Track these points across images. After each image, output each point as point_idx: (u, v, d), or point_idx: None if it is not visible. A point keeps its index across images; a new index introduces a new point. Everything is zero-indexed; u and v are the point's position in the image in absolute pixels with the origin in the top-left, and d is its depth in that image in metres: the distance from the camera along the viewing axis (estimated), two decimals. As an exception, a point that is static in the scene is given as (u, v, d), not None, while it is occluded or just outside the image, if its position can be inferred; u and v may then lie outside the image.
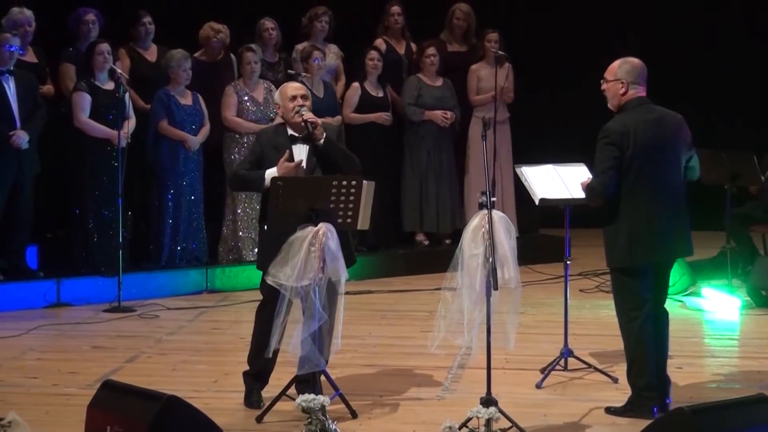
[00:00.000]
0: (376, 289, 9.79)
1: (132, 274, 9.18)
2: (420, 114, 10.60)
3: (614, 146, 5.89)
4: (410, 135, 10.71)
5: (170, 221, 9.53)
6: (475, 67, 10.86)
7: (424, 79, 10.67)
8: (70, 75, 9.53)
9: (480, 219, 5.74)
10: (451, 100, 10.72)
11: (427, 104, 10.60)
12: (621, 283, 6.08)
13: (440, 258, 7.16)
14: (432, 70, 10.65)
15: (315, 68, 10.10)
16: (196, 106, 9.63)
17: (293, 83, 6.43)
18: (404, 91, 10.71)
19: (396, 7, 10.85)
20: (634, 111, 6.00)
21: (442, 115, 10.59)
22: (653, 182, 5.94)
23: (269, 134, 6.35)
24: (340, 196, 5.93)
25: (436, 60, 10.61)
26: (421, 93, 10.62)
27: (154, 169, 9.55)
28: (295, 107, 6.18)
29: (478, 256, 5.68)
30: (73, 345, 7.77)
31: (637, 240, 5.94)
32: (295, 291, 5.78)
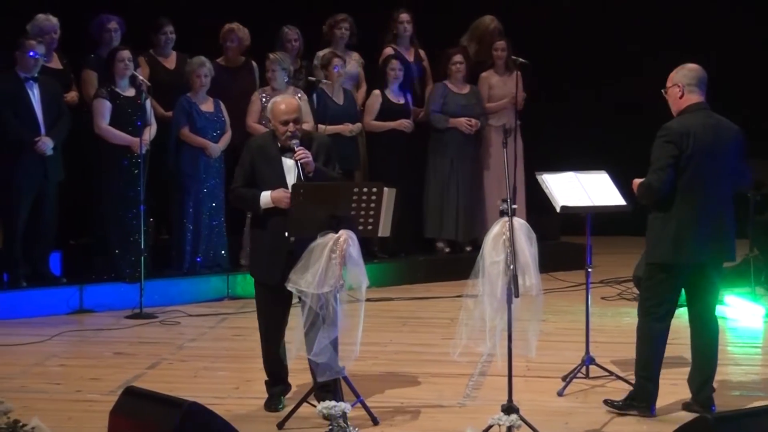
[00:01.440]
0: (396, 296, 9.78)
1: (154, 280, 9.20)
2: (444, 121, 10.59)
3: (673, 144, 5.95)
4: (434, 142, 10.70)
5: (191, 228, 9.55)
6: (486, 75, 10.85)
7: (450, 86, 10.66)
8: (92, 82, 9.56)
9: (501, 226, 5.75)
10: (477, 108, 10.70)
11: (453, 111, 10.59)
12: (653, 279, 6.11)
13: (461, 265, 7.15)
14: (458, 77, 10.64)
15: (335, 75, 10.10)
16: (218, 113, 9.65)
17: (288, 100, 6.27)
18: (429, 97, 10.71)
19: (404, 15, 10.83)
20: (694, 114, 6.06)
21: (466, 122, 10.57)
22: (705, 185, 5.99)
23: (259, 144, 6.27)
24: (361, 203, 5.93)
25: (463, 67, 10.60)
26: (446, 100, 10.61)
27: (176, 176, 9.58)
28: (287, 132, 6.11)
29: (499, 263, 5.69)
30: (95, 351, 7.80)
31: (683, 239, 5.98)
32: (316, 298, 5.78)
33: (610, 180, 6.86)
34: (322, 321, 5.82)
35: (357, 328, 5.88)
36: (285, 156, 6.14)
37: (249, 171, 6.18)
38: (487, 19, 11.00)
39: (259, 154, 6.18)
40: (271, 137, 6.23)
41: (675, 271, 6.06)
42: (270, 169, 6.12)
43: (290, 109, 6.17)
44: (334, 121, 10.01)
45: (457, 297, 7.71)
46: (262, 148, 6.19)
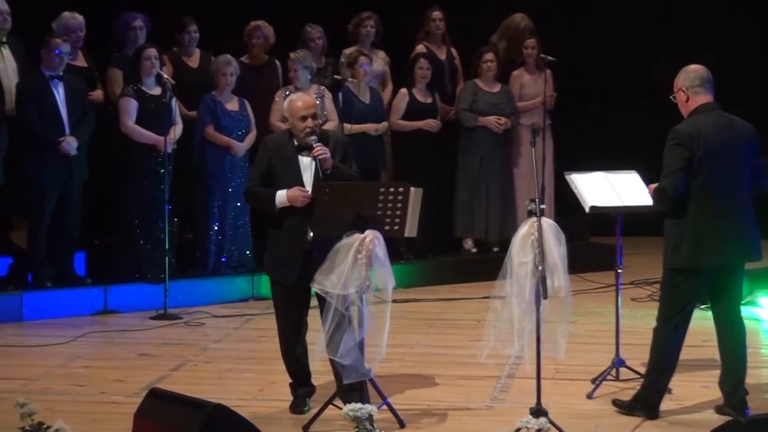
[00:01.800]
0: (423, 297, 9.76)
1: (178, 281, 9.22)
2: (474, 119, 10.57)
3: (684, 147, 5.92)
4: (464, 141, 10.69)
5: (216, 228, 9.57)
6: (517, 73, 10.83)
7: (480, 85, 10.63)
8: (118, 80, 9.59)
9: (529, 226, 5.74)
10: (507, 107, 10.67)
11: (482, 110, 10.57)
12: (673, 285, 6.08)
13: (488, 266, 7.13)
14: (489, 76, 10.61)
15: (361, 74, 10.10)
16: (243, 111, 9.66)
17: (304, 97, 6.29)
18: (460, 96, 10.70)
19: (437, 12, 10.81)
20: (704, 115, 6.03)
21: (495, 121, 10.55)
22: (721, 186, 5.96)
23: (276, 142, 6.26)
24: (388, 203, 5.92)
25: (494, 66, 10.58)
26: (476, 98, 10.59)
27: (200, 175, 9.59)
28: (305, 128, 6.10)
29: (527, 264, 5.68)
30: (120, 352, 7.82)
31: (701, 242, 5.95)
32: (342, 299, 5.77)
33: (640, 180, 6.81)
34: (348, 322, 5.81)
35: (383, 329, 5.87)
36: (301, 154, 6.13)
37: (265, 170, 6.17)
38: (518, 17, 10.97)
39: (276, 153, 6.17)
40: (287, 136, 6.23)
41: (694, 275, 6.02)
42: (286, 168, 6.12)
43: (307, 105, 6.17)
44: (360, 120, 10.00)
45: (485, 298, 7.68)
46: (279, 147, 6.19)
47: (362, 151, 9.89)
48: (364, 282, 5.75)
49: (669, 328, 6.08)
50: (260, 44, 10.12)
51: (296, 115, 6.12)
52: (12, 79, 9.01)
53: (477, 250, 10.79)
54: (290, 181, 6.10)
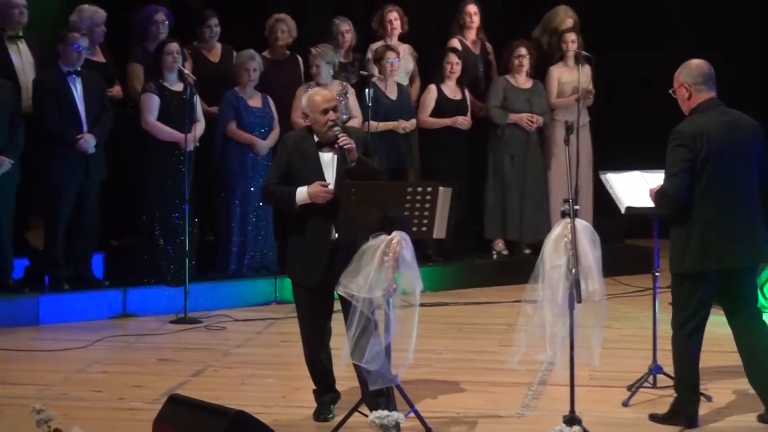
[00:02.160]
0: (452, 300, 9.75)
1: (199, 283, 9.25)
2: (504, 117, 10.55)
3: (686, 148, 5.90)
4: (494, 139, 10.67)
5: (238, 229, 9.58)
6: (555, 68, 10.80)
7: (511, 81, 10.61)
8: (138, 75, 9.60)
9: (562, 228, 5.75)
10: (540, 104, 10.64)
11: (514, 107, 10.55)
12: (682, 290, 6.07)
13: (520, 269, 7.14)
14: (521, 71, 10.59)
15: (389, 69, 10.10)
16: (266, 108, 9.66)
17: (322, 91, 6.32)
18: (490, 92, 10.68)
19: (472, 6, 10.79)
20: (707, 113, 6.01)
21: (527, 118, 10.53)
22: (726, 186, 5.94)
23: (295, 140, 6.27)
24: (415, 203, 5.91)
25: (526, 61, 10.55)
26: (507, 95, 10.57)
27: (222, 173, 9.61)
28: (328, 122, 6.11)
29: (560, 267, 5.69)
30: (138, 357, 7.84)
31: (708, 245, 5.93)
32: (368, 302, 5.77)
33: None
34: (374, 327, 5.81)
35: (411, 334, 5.86)
36: (322, 150, 6.13)
37: (284, 169, 6.17)
38: (561, 10, 10.95)
39: (296, 150, 6.17)
40: (306, 132, 6.23)
41: (704, 279, 6.00)
42: (307, 165, 6.12)
43: (327, 98, 6.20)
44: (387, 118, 10.01)
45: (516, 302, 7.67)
46: (298, 144, 6.19)
47: (389, 150, 9.92)
48: (391, 285, 5.75)
49: (684, 336, 6.07)
50: (282, 39, 10.13)
51: (317, 110, 6.13)
52: (29, 75, 9.05)
53: (508, 252, 10.77)
54: (311, 178, 6.10)
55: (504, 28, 11.07)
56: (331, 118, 6.10)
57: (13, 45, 9.12)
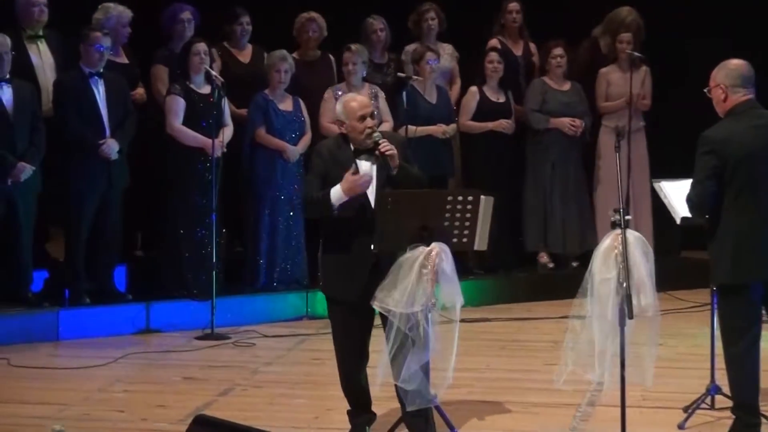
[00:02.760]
0: (494, 316, 9.74)
1: (226, 297, 9.27)
2: (545, 121, 10.54)
3: (713, 155, 5.91)
4: (533, 145, 10.67)
5: (267, 240, 9.61)
6: (605, 70, 10.78)
7: (549, 83, 10.62)
8: (162, 77, 9.66)
9: (612, 239, 5.73)
10: (580, 106, 10.64)
11: (553, 110, 10.55)
12: (725, 303, 6.05)
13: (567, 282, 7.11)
14: (558, 73, 10.60)
15: (427, 71, 10.11)
16: (297, 112, 9.69)
17: (357, 97, 6.30)
18: (527, 96, 10.67)
19: (514, 4, 10.80)
20: (740, 117, 6.01)
21: (569, 122, 10.52)
22: (760, 193, 5.92)
23: (330, 148, 6.23)
24: (455, 212, 5.90)
25: (563, 62, 10.56)
26: (545, 98, 10.58)
27: (250, 181, 9.64)
28: (366, 129, 6.08)
29: (610, 280, 5.67)
30: (163, 375, 7.87)
31: (742, 255, 5.91)
32: (405, 318, 5.77)
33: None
34: (412, 344, 5.80)
35: (450, 351, 5.86)
36: (360, 158, 6.10)
37: (321, 181, 6.11)
38: (624, 10, 10.91)
39: (332, 160, 6.14)
40: (341, 140, 6.20)
41: (746, 292, 5.97)
42: (344, 173, 6.07)
43: (364, 104, 6.18)
44: (425, 122, 10.02)
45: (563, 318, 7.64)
46: (334, 154, 6.16)
47: (428, 156, 9.89)
48: (430, 299, 5.74)
49: (737, 353, 6.02)
50: (313, 38, 10.16)
51: (354, 116, 6.10)
52: (49, 77, 9.11)
53: (554, 265, 10.76)
54: None
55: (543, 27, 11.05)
56: (369, 125, 6.07)
57: (33, 45, 9.19)
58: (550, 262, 10.77)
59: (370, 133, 6.06)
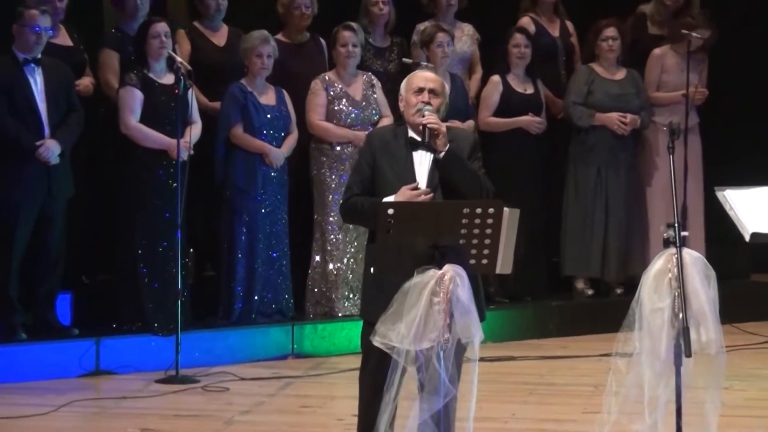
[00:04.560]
0: (521, 354, 9.76)
1: (195, 332, 9.28)
2: (590, 117, 10.54)
3: None
4: (576, 146, 10.70)
5: (244, 262, 9.61)
6: (659, 52, 10.81)
7: (598, 71, 10.64)
8: (113, 64, 9.64)
9: (666, 260, 5.72)
10: (635, 100, 10.66)
11: (602, 104, 10.58)
12: None
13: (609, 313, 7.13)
14: (610, 58, 10.61)
15: (439, 56, 10.12)
16: (281, 106, 9.70)
17: (426, 72, 6.43)
18: (570, 86, 10.70)
19: None
20: None
21: (619, 118, 10.52)
22: None
23: (384, 136, 6.32)
24: (473, 228, 5.86)
25: (616, 45, 10.58)
26: (592, 89, 10.61)
27: (224, 191, 9.64)
28: (419, 104, 6.17)
29: (663, 310, 5.67)
30: (116, 427, 7.83)
31: None
32: (412, 356, 5.75)
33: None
34: (421, 388, 5.79)
35: (468, 397, 5.84)
36: (417, 150, 6.17)
37: (368, 173, 6.20)
38: None
39: (384, 149, 6.22)
40: (396, 129, 6.32)
41: None
42: (397, 168, 6.16)
43: (429, 78, 6.30)
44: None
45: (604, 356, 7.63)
46: (387, 143, 6.24)
47: (439, 159, 9.89)
48: (443, 334, 5.72)
49: None
50: (304, 15, 10.17)
51: (411, 88, 6.25)
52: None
53: (594, 292, 10.78)
54: (400, 182, 6.13)
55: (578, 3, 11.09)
56: (424, 99, 6.17)
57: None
58: (589, 289, 10.78)
59: (421, 108, 6.14)
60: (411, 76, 6.36)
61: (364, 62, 10.07)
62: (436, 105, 6.21)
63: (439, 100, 6.23)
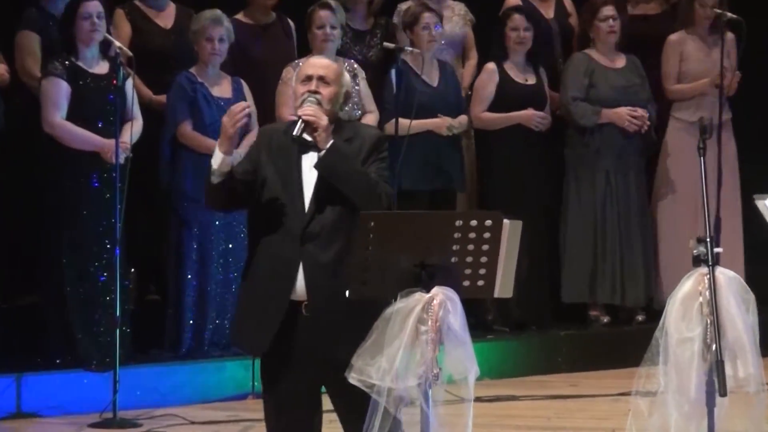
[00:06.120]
0: (524, 393, 9.76)
1: (136, 367, 9.29)
2: (595, 115, 10.56)
3: None
4: (578, 147, 10.72)
5: (195, 284, 9.61)
6: (676, 38, 10.85)
7: (596, 58, 10.68)
8: (33, 49, 9.63)
9: (696, 282, 5.75)
10: (642, 91, 10.69)
11: (605, 97, 10.62)
12: None
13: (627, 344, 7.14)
14: (610, 42, 10.66)
15: (425, 40, 10.13)
16: (238, 98, 9.63)
17: (318, 58, 6.53)
18: (566, 77, 10.73)
19: None
20: None
21: (629, 114, 10.53)
22: None
23: (275, 134, 6.37)
24: (467, 243, 5.87)
25: (617, 25, 10.61)
26: (593, 81, 10.61)
27: (171, 200, 9.65)
28: (305, 94, 6.22)
29: (692, 341, 5.70)
30: (41, 481, 7.86)
31: None
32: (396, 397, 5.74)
33: None
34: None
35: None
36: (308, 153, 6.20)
37: (249, 167, 6.30)
38: None
39: (271, 150, 6.28)
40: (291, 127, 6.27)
41: None
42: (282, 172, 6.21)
43: (321, 64, 6.33)
44: (423, 113, 10.03)
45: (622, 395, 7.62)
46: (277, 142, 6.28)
47: (427, 161, 9.91)
48: (431, 369, 5.71)
49: None
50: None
51: (300, 77, 6.29)
52: None
53: (610, 320, 10.81)
54: (284, 189, 6.18)
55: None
56: (312, 89, 6.19)
57: None
58: (604, 316, 10.79)
59: (306, 98, 6.18)
60: (304, 62, 6.42)
61: (341, 48, 10.06)
62: (327, 95, 6.24)
63: (331, 89, 6.26)
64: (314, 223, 6.11)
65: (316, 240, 6.10)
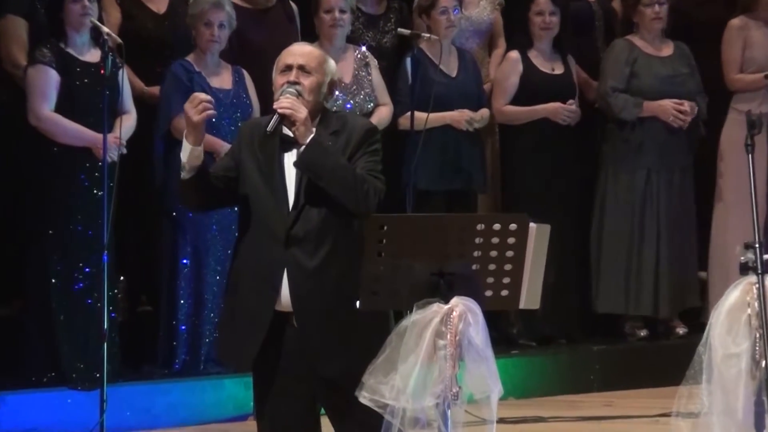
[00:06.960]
0: (552, 414, 9.75)
1: (125, 385, 9.30)
2: (636, 107, 10.56)
3: None
4: (617, 142, 10.72)
5: (190, 293, 9.60)
6: (739, 22, 10.82)
7: (640, 45, 10.69)
8: (20, 37, 9.63)
9: (743, 292, 5.74)
10: (690, 81, 10.66)
11: (648, 88, 10.62)
12: None
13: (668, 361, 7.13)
14: (656, 29, 10.66)
15: (443, 25, 10.11)
16: (239, 90, 9.73)
17: (300, 45, 6.56)
18: (606, 66, 10.74)
19: None
20: None
21: (674, 107, 10.52)
22: None
23: (258, 126, 6.40)
24: (490, 248, 5.86)
25: (663, 11, 10.61)
26: (636, 70, 10.64)
27: (165, 200, 9.64)
28: (284, 85, 6.26)
29: (740, 357, 5.70)
30: None
31: None
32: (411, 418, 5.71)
33: None
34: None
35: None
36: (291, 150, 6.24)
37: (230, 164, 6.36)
38: None
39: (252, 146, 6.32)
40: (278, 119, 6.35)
41: None
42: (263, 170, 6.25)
43: (301, 52, 6.38)
44: (441, 106, 10.04)
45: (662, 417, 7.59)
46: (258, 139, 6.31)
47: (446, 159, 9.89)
48: (450, 388, 5.69)
49: None
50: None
51: (279, 67, 6.35)
52: None
53: (647, 333, 10.78)
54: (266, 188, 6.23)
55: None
56: (292, 80, 6.24)
57: None
58: (642, 329, 10.77)
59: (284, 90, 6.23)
60: (284, 52, 6.44)
61: (352, 34, 10.05)
62: (308, 85, 6.29)
63: (312, 79, 6.31)
64: (299, 224, 6.16)
65: (302, 243, 6.15)
